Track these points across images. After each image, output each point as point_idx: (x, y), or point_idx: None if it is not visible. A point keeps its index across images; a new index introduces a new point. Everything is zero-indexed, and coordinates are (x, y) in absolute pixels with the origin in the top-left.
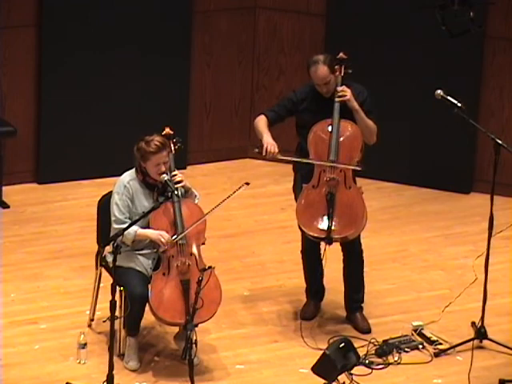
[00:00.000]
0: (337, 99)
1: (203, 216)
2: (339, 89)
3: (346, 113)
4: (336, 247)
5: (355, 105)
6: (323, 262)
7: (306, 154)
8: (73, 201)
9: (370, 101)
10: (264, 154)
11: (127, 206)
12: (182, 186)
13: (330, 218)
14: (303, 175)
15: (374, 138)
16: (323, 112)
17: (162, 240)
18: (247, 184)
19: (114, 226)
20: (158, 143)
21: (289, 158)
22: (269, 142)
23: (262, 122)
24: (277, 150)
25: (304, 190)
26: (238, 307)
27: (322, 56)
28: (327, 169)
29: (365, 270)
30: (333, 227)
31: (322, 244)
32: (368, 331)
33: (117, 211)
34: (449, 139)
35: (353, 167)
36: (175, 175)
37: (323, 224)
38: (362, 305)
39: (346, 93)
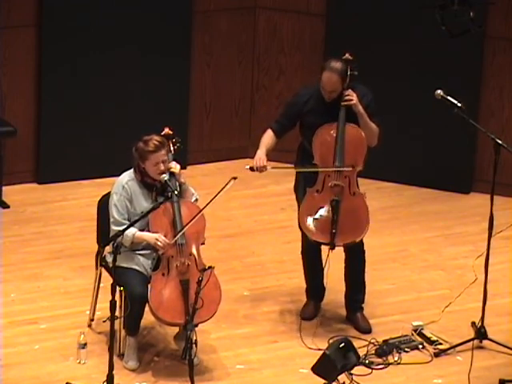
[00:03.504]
0: (343, 103)
1: (196, 215)
2: (346, 92)
3: (351, 116)
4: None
5: (360, 109)
6: (326, 265)
7: (308, 154)
8: (73, 201)
9: (374, 104)
10: (253, 169)
11: (125, 206)
12: (177, 180)
13: (334, 224)
14: (306, 176)
15: (375, 141)
16: (328, 114)
17: (159, 244)
18: (234, 178)
19: (113, 227)
20: (156, 142)
21: (281, 170)
22: (257, 158)
23: (264, 137)
24: (264, 164)
25: (308, 194)
26: (238, 307)
27: (340, 65)
28: (332, 174)
29: (365, 269)
30: (336, 233)
31: (324, 246)
32: (368, 331)
33: (115, 212)
34: (449, 139)
35: (347, 169)
36: (171, 164)
37: (326, 229)
38: (363, 305)
39: (353, 97)
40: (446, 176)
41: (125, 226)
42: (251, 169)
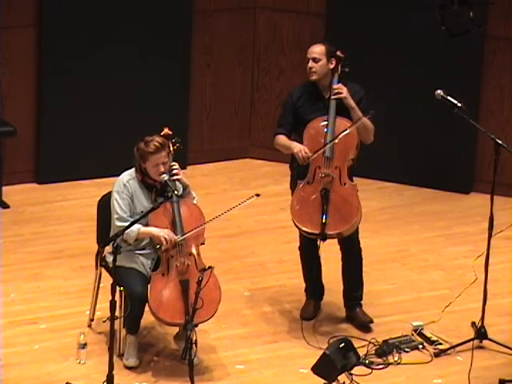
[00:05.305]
0: (333, 96)
1: (205, 222)
2: (335, 86)
3: (343, 111)
4: (335, 247)
5: (351, 103)
6: (320, 256)
7: None
8: (73, 201)
9: (366, 100)
10: (303, 162)
11: (128, 204)
12: (178, 180)
13: (324, 214)
14: (299, 173)
15: (371, 138)
16: (320, 109)
17: (166, 237)
18: (258, 195)
19: (117, 223)
20: (157, 143)
21: (318, 152)
22: (299, 150)
23: (282, 138)
24: (308, 151)
25: (299, 186)
26: (238, 307)
27: (327, 42)
28: (322, 165)
29: (365, 270)
30: (327, 223)
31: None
32: (369, 323)
33: (119, 209)
34: (449, 139)
35: (350, 130)
36: (174, 167)
37: (317, 220)
38: (361, 302)
39: (342, 90)
40: (445, 176)
41: (126, 224)
42: (301, 165)
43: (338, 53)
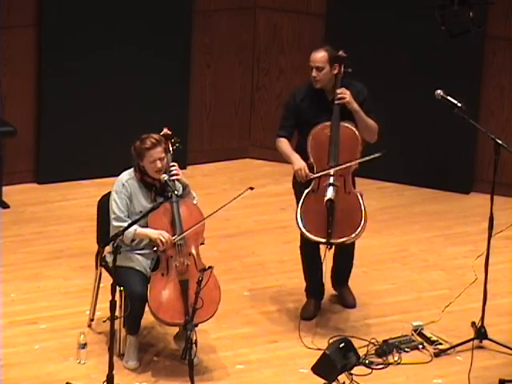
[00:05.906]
0: (336, 101)
1: (203, 218)
2: (338, 91)
3: (346, 113)
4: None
5: (355, 106)
6: (323, 264)
7: (305, 154)
8: (73, 201)
9: (369, 100)
10: (301, 180)
11: (126, 204)
12: (178, 180)
13: (330, 223)
14: None
15: (375, 137)
16: (323, 113)
17: (162, 239)
18: (251, 189)
19: (114, 223)
20: (152, 139)
21: (319, 174)
22: (299, 168)
23: (283, 144)
24: (307, 171)
25: (304, 196)
26: (238, 307)
27: (328, 46)
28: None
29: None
30: (333, 232)
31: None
32: (354, 306)
33: (116, 209)
34: (449, 139)
35: (359, 161)
36: (173, 166)
37: (323, 229)
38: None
39: (346, 95)
40: (445, 176)
41: (125, 225)
42: (300, 182)
43: (341, 53)
